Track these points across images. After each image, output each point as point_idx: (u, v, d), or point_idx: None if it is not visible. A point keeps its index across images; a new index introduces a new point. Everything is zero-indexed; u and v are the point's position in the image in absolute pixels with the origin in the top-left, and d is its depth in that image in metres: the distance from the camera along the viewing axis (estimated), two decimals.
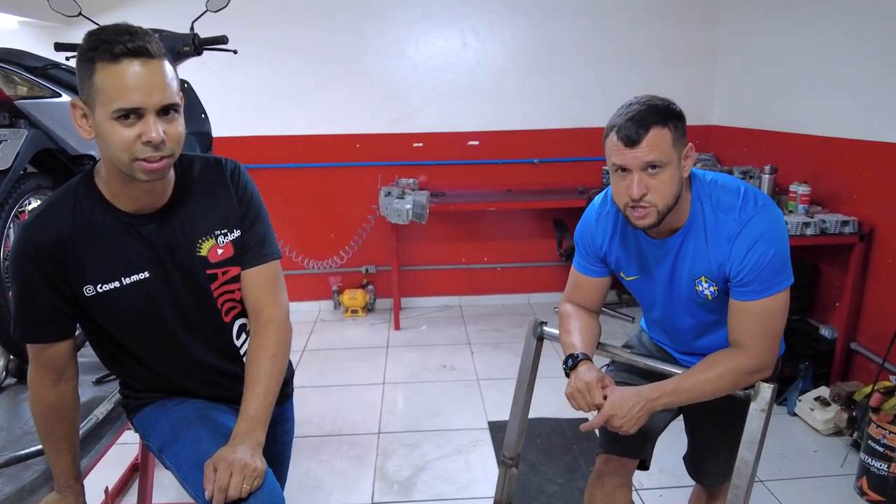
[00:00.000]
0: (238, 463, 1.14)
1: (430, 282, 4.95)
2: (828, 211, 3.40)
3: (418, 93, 4.57)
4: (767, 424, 1.41)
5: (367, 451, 2.96)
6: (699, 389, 1.44)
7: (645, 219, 1.40)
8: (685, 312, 1.59)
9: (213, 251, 1.31)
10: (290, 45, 4.34)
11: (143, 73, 1.09)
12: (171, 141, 1.15)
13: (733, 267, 1.41)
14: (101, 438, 1.53)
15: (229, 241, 1.33)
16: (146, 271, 1.26)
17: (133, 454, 2.57)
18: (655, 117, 1.35)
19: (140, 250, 1.25)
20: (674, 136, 1.36)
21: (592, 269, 1.68)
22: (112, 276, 1.24)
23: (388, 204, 4.15)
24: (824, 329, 3.40)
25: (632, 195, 1.38)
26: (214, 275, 1.32)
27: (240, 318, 1.41)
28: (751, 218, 1.39)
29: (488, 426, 3.15)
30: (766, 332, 1.43)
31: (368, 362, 3.96)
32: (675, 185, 1.39)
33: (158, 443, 1.36)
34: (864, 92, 3.16)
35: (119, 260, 1.24)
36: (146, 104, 1.10)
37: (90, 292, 1.23)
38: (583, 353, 1.54)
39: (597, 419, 1.48)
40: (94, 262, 1.22)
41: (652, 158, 1.35)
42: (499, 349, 4.09)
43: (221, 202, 1.33)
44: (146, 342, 1.33)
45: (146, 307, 1.28)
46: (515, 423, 1.78)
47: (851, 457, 2.74)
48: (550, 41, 4.54)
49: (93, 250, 1.22)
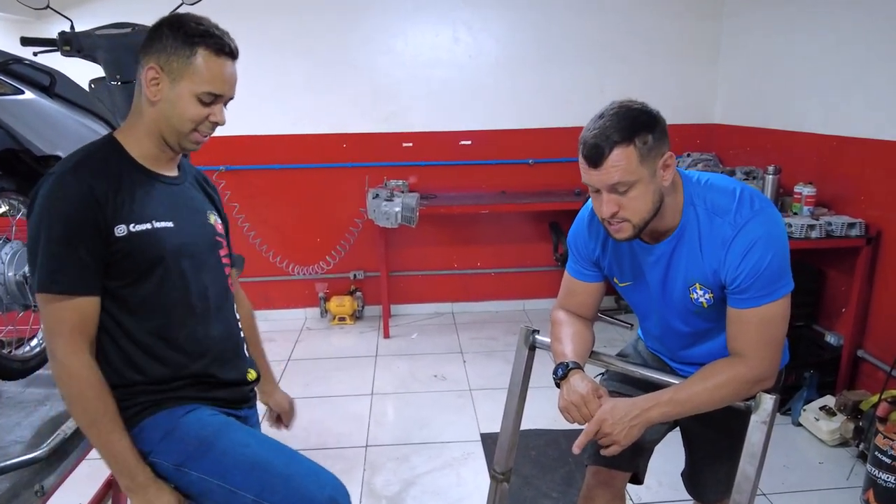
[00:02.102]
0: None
1: (421, 288, 4.95)
2: (834, 213, 3.41)
3: (408, 90, 4.57)
4: (769, 437, 1.41)
5: (354, 465, 2.95)
6: (697, 400, 1.43)
7: (620, 233, 1.43)
8: (680, 321, 1.59)
9: (216, 224, 1.53)
10: (273, 40, 4.33)
11: (232, 72, 1.41)
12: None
13: (729, 273, 1.41)
14: (68, 455, 1.52)
15: (220, 221, 1.56)
16: (171, 221, 1.39)
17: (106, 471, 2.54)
18: (619, 135, 1.33)
19: (167, 202, 1.41)
20: (641, 153, 1.34)
21: (586, 273, 1.68)
22: (144, 217, 1.34)
23: (376, 206, 4.14)
24: (830, 336, 3.41)
25: (601, 214, 1.41)
26: (220, 243, 1.53)
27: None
28: (747, 221, 1.39)
29: (481, 438, 3.15)
30: (766, 341, 1.43)
31: (356, 372, 3.95)
32: (650, 200, 1.39)
33: (176, 458, 1.36)
34: (871, 88, 3.17)
35: (150, 205, 1.37)
36: (226, 95, 1.40)
37: (122, 232, 1.31)
38: (574, 361, 1.53)
39: (588, 428, 1.45)
40: (129, 203, 1.33)
41: (616, 180, 1.35)
42: (492, 358, 4.08)
43: (212, 193, 1.60)
44: (164, 296, 1.38)
45: (170, 253, 1.38)
46: (507, 436, 1.77)
47: (858, 468, 2.75)
48: (546, 36, 4.55)
49: (129, 193, 1.34)
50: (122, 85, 2.39)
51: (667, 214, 1.44)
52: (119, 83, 2.38)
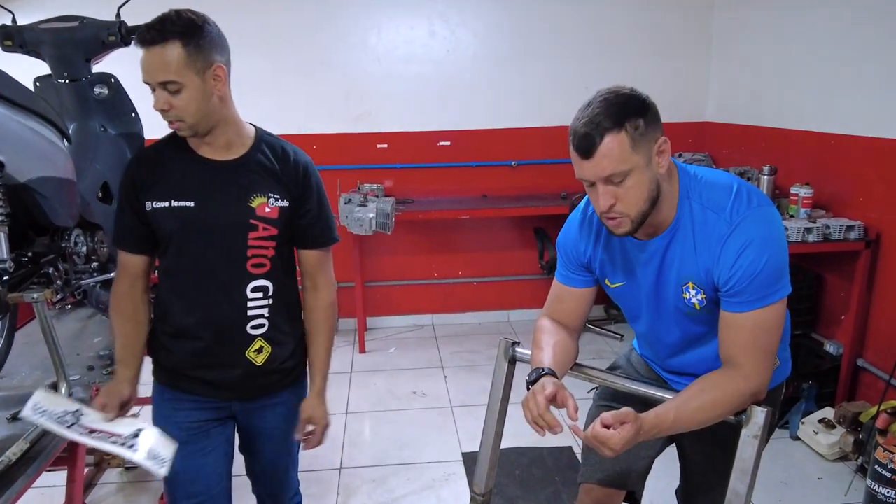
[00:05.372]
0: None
1: (399, 299, 4.95)
2: (831, 215, 3.47)
3: (382, 87, 4.58)
4: (761, 452, 1.43)
5: (328, 489, 2.94)
6: (696, 419, 1.42)
7: (619, 228, 1.44)
8: (672, 323, 1.61)
9: (262, 207, 1.67)
10: (235, 33, 4.14)
11: (153, 59, 1.52)
12: (175, 110, 1.56)
13: (722, 273, 1.42)
14: (13, 483, 1.50)
15: (278, 206, 1.69)
16: (192, 201, 1.64)
17: (60, 499, 2.51)
18: (609, 121, 1.35)
19: (197, 182, 1.65)
20: (633, 139, 1.36)
21: (576, 278, 1.69)
22: (166, 196, 1.64)
23: (348, 212, 4.14)
24: (829, 344, 3.46)
25: (598, 208, 1.42)
26: (255, 225, 1.67)
27: (261, 278, 1.71)
28: (743, 218, 1.41)
29: (462, 458, 3.16)
30: (760, 347, 1.44)
31: (329, 390, 3.90)
32: (646, 189, 1.40)
33: None
34: (871, 83, 3.22)
35: (175, 186, 1.64)
36: (151, 81, 1.54)
37: (149, 207, 1.64)
38: (549, 368, 1.52)
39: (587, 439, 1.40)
40: (161, 183, 1.65)
41: (609, 171, 1.36)
42: (475, 372, 4.09)
43: (284, 176, 1.72)
44: (180, 265, 1.69)
45: (181, 229, 1.65)
46: (486, 456, 1.78)
47: (857, 483, 2.79)
48: (528, 29, 4.59)
49: (164, 175, 1.66)
50: (69, 83, 2.37)
51: (663, 206, 1.45)
52: (67, 81, 2.36)
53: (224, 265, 1.68)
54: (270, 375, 1.78)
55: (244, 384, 1.75)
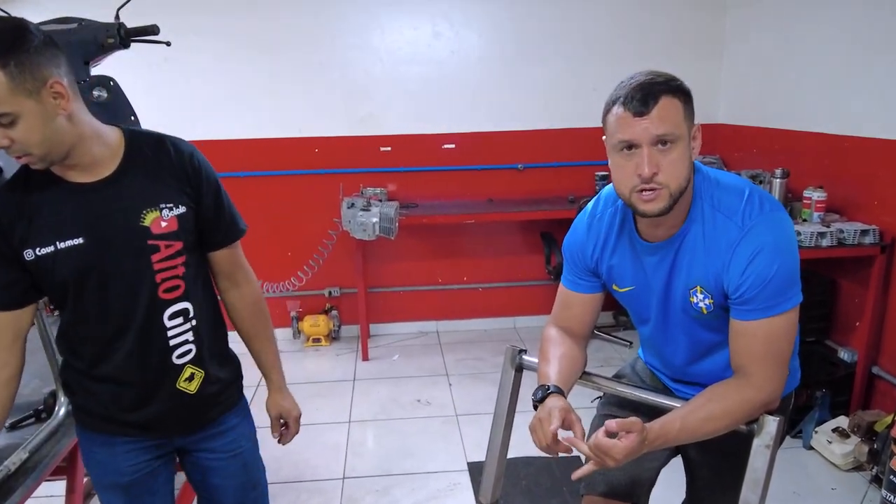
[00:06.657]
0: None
1: (403, 305, 4.96)
2: (846, 219, 3.47)
3: (385, 89, 4.60)
4: (773, 462, 1.43)
5: (330, 499, 2.95)
6: (705, 429, 1.43)
7: (655, 202, 1.40)
8: (679, 328, 1.61)
9: (157, 223, 1.50)
10: (237, 35, 4.34)
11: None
12: (18, 144, 1.34)
13: (732, 280, 1.43)
14: (12, 493, 1.52)
15: (175, 215, 1.52)
16: (80, 237, 1.44)
17: None
18: (664, 86, 1.37)
19: (77, 215, 1.45)
20: (685, 109, 1.39)
21: (583, 283, 1.70)
22: (49, 239, 1.43)
23: (351, 217, 4.16)
24: (843, 352, 3.46)
25: (642, 174, 1.37)
26: (156, 246, 1.50)
27: (178, 302, 1.56)
28: (755, 224, 1.41)
29: (468, 468, 3.16)
30: (771, 357, 1.45)
31: (332, 398, 3.95)
32: (687, 167, 1.41)
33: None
34: (885, 85, 3.22)
35: (55, 225, 1.44)
36: None
37: (30, 256, 1.43)
38: (555, 385, 1.54)
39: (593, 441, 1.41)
40: (37, 224, 1.43)
41: (664, 130, 1.36)
42: (480, 380, 4.10)
43: (170, 177, 1.54)
44: (81, 311, 1.51)
45: (75, 275, 1.46)
46: (493, 466, 1.79)
47: (872, 494, 2.79)
48: (534, 29, 4.60)
49: (38, 213, 1.43)
50: None
51: (682, 200, 1.45)
52: None
53: (132, 300, 1.50)
54: (207, 399, 1.67)
55: (180, 417, 1.64)
